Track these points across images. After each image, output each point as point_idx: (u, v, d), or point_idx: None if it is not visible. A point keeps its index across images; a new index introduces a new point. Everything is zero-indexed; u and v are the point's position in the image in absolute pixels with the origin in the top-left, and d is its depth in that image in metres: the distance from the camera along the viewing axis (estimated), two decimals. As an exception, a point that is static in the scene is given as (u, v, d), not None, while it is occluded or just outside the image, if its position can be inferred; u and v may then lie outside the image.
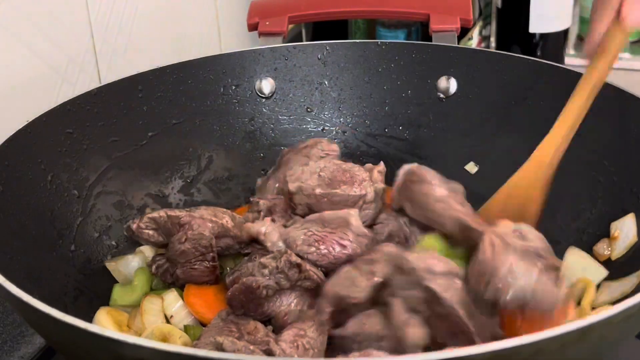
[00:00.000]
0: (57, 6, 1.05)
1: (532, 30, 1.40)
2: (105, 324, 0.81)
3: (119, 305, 0.86)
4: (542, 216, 0.92)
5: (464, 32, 1.42)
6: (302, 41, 1.43)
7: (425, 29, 1.13)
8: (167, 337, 0.80)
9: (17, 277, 0.72)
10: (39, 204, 0.84)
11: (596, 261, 0.85)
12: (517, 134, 0.97)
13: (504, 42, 1.45)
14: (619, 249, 0.83)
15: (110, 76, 1.11)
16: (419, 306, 0.71)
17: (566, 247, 0.87)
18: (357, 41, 1.06)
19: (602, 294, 0.81)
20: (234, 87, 1.04)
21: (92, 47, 1.13)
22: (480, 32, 1.49)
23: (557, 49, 1.43)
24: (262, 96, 1.05)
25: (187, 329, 0.82)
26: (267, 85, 1.05)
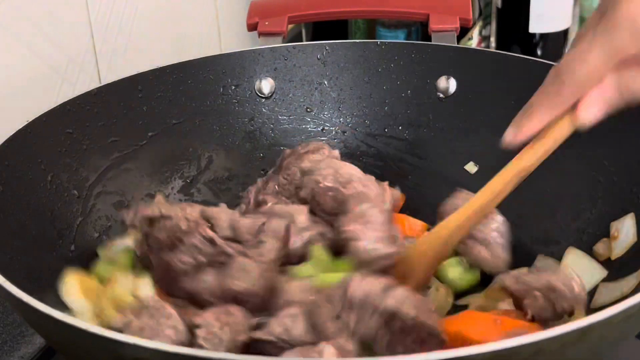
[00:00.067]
0: (57, 6, 1.05)
1: (532, 30, 1.40)
2: (71, 289, 0.80)
3: (102, 276, 0.84)
4: (542, 216, 0.93)
5: (464, 32, 1.42)
6: (302, 41, 1.43)
7: (425, 29, 1.13)
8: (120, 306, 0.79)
9: (17, 277, 0.72)
10: (39, 204, 0.84)
11: (595, 261, 0.84)
12: (517, 133, 0.97)
13: (504, 42, 1.45)
14: (618, 249, 0.83)
15: (110, 76, 1.11)
16: (376, 334, 0.66)
17: (566, 247, 0.87)
18: (357, 41, 1.06)
19: (601, 295, 0.80)
20: (233, 87, 1.03)
21: (92, 47, 1.13)
22: (480, 32, 1.49)
23: (557, 49, 1.43)
24: (262, 96, 1.05)
25: None
26: (266, 85, 1.05)
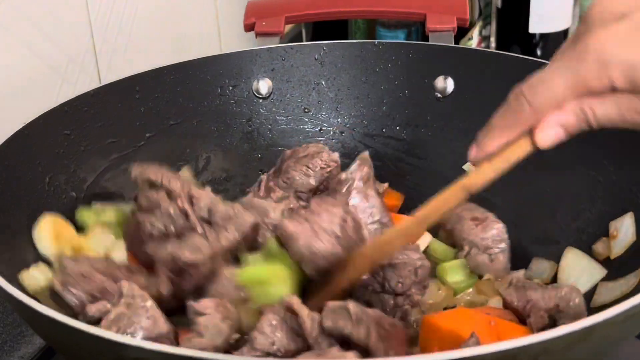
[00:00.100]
0: (57, 6, 1.06)
1: (532, 30, 1.39)
2: (43, 232, 0.80)
3: (83, 221, 0.85)
4: (542, 216, 0.93)
5: (464, 32, 1.42)
6: (302, 41, 1.43)
7: (424, 28, 1.13)
8: (80, 250, 0.80)
9: (17, 278, 0.73)
10: (38, 205, 0.83)
11: (595, 261, 0.84)
12: (515, 133, 0.97)
13: (504, 42, 1.45)
14: (618, 248, 0.83)
15: (110, 76, 1.11)
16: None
17: (565, 247, 0.87)
18: (354, 41, 1.06)
19: (601, 294, 0.81)
20: (231, 88, 1.03)
21: (92, 47, 1.13)
22: (480, 32, 1.49)
23: (557, 49, 1.42)
24: (260, 97, 1.05)
25: None
26: (264, 85, 1.04)
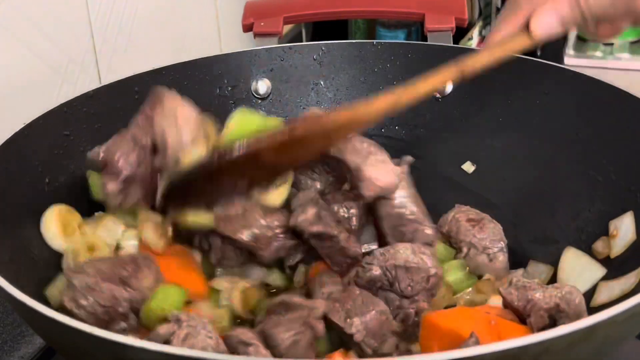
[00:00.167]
0: (57, 6, 1.06)
1: (532, 29, 1.39)
2: (50, 224, 0.81)
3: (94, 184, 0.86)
4: (541, 216, 0.93)
5: (464, 32, 1.42)
6: (302, 41, 1.43)
7: (424, 28, 1.13)
8: (94, 248, 0.81)
9: (17, 278, 0.72)
10: (38, 206, 0.83)
11: (594, 260, 0.84)
12: (514, 133, 0.97)
13: (504, 42, 1.45)
14: (617, 247, 0.83)
15: (110, 76, 1.11)
16: None
17: (565, 246, 0.87)
18: (353, 41, 1.05)
19: (601, 293, 0.81)
20: (229, 88, 1.03)
21: (92, 47, 1.13)
22: (480, 32, 1.48)
23: (557, 49, 1.42)
24: (258, 97, 1.05)
25: None
26: (263, 86, 1.04)
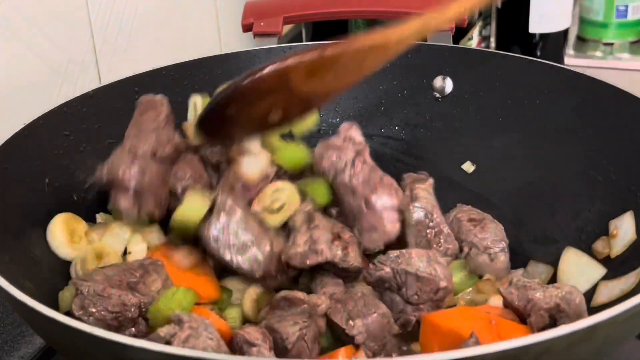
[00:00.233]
0: (57, 6, 1.06)
1: (532, 30, 1.40)
2: (56, 233, 0.82)
3: None
4: (541, 216, 0.93)
5: (464, 32, 1.42)
6: (302, 41, 1.43)
7: (424, 28, 1.12)
8: (102, 256, 0.81)
9: (17, 279, 0.72)
10: (38, 207, 0.83)
11: (594, 260, 0.84)
12: (514, 133, 0.97)
13: (503, 42, 1.45)
14: (618, 247, 0.83)
15: (110, 76, 1.11)
16: None
17: (565, 246, 0.87)
18: (352, 41, 1.06)
19: (601, 293, 0.80)
20: (230, 88, 1.03)
21: (92, 47, 1.13)
22: (480, 32, 1.49)
23: (557, 49, 1.43)
24: (258, 97, 1.05)
25: None
26: (262, 86, 1.04)
